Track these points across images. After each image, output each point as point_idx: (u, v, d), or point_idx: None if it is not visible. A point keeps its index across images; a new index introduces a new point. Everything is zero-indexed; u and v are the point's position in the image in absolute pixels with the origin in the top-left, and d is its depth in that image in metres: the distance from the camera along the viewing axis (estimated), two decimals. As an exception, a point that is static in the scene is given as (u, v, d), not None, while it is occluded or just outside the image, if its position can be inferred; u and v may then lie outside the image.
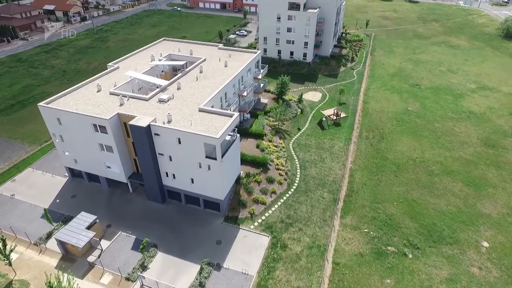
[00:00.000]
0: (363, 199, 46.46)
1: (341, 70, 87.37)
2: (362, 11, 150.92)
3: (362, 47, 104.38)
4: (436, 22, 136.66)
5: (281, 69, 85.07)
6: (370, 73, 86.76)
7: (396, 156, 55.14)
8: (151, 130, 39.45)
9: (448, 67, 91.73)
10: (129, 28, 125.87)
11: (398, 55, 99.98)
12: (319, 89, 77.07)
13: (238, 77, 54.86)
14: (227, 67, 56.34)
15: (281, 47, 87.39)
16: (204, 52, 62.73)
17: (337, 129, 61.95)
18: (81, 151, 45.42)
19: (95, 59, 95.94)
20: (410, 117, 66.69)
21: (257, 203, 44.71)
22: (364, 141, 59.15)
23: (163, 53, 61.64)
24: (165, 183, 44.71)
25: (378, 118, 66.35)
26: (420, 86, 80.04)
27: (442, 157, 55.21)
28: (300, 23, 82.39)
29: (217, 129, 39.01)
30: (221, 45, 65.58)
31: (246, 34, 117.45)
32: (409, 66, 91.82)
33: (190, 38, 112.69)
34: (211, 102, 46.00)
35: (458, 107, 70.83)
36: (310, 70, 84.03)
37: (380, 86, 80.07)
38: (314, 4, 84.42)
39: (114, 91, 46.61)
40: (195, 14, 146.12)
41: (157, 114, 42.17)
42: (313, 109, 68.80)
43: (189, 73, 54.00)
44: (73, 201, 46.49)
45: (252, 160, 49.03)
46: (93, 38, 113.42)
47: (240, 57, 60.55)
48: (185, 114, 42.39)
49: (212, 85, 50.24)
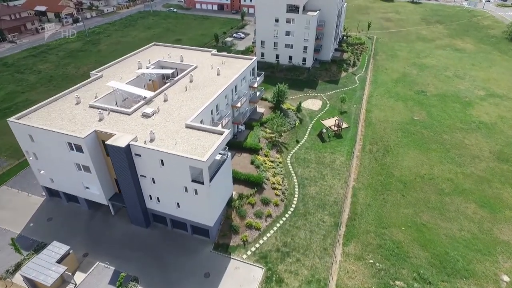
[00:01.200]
0: (368, 223, 42.23)
1: (343, 75, 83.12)
2: (363, 12, 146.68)
3: (364, 51, 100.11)
4: (440, 24, 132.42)
5: (279, 75, 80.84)
6: (372, 79, 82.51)
7: (403, 173, 50.91)
8: (131, 150, 35.24)
9: (454, 72, 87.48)
10: (123, 30, 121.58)
11: (401, 59, 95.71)
12: (319, 97, 72.80)
13: (231, 87, 50.65)
14: (220, 76, 52.09)
15: (279, 52, 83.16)
16: (196, 58, 58.53)
17: (339, 142, 57.72)
18: (57, 170, 41.20)
19: (85, 63, 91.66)
20: (416, 128, 62.45)
21: (250, 229, 40.47)
22: (368, 155, 54.92)
23: (152, 59, 57.46)
24: (149, 207, 40.49)
25: (382, 128, 62.10)
26: (426, 93, 75.80)
27: (452, 173, 50.98)
28: (299, 26, 78.17)
29: (205, 149, 34.79)
30: (214, 51, 61.32)
31: (243, 36, 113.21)
32: (414, 71, 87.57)
33: (185, 41, 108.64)
34: (200, 116, 41.80)
35: (467, 117, 66.57)
36: (309, 76, 79.77)
37: (383, 93, 75.82)
38: (314, 6, 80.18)
39: (94, 104, 42.40)
40: (192, 15, 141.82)
41: (139, 131, 37.96)
42: (312, 118, 64.54)
43: (178, 83, 49.78)
44: (49, 225, 42.25)
45: (246, 179, 44.79)
46: (84, 41, 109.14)
47: (234, 64, 56.32)
48: (170, 131, 38.16)
49: (202, 96, 46.02)
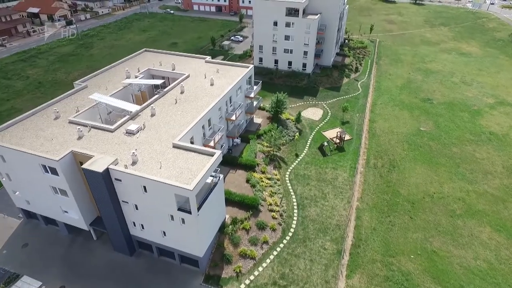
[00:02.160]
0: (373, 250, 38.50)
1: (344, 82, 79.38)
2: (365, 14, 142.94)
3: (367, 55, 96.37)
4: (444, 27, 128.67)
5: (278, 81, 77.14)
6: (376, 86, 78.78)
7: (410, 191, 47.20)
8: (110, 175, 31.55)
9: (461, 78, 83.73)
10: (117, 33, 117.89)
11: (405, 64, 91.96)
12: (320, 105, 69.05)
13: (226, 99, 46.93)
14: (213, 86, 48.39)
15: (278, 57, 79.45)
16: (188, 66, 54.86)
17: (341, 155, 54.01)
18: (32, 193, 37.53)
19: (76, 68, 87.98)
20: (423, 140, 58.71)
21: (244, 258, 36.76)
22: (372, 170, 51.20)
23: (142, 67, 53.82)
24: (133, 233, 36.81)
25: (387, 140, 58.37)
26: (432, 101, 72.05)
27: (464, 191, 47.27)
28: (299, 31, 74.45)
29: (193, 174, 31.10)
30: (209, 58, 57.64)
31: (241, 39, 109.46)
32: (419, 77, 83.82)
33: (181, 45, 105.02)
34: (190, 133, 38.11)
35: (477, 127, 62.82)
36: (310, 83, 76.03)
37: (387, 101, 72.09)
38: (315, 10, 76.48)
39: (74, 120, 38.74)
40: (189, 17, 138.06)
41: (121, 151, 34.28)
42: (313, 129, 60.81)
43: (168, 94, 46.09)
44: (24, 252, 38.56)
45: (240, 201, 41.07)
46: (76, 44, 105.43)
47: (229, 73, 52.63)
48: (156, 151, 34.46)
49: (193, 110, 42.31)
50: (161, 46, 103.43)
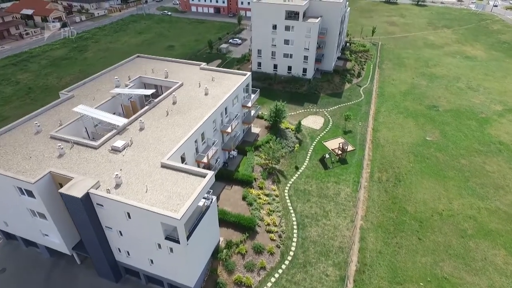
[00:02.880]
0: (379, 277, 35.57)
1: (346, 87, 76.46)
2: (366, 16, 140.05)
3: (369, 59, 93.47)
4: (447, 29, 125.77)
5: (277, 87, 74.24)
6: (379, 91, 75.86)
7: (418, 208, 44.26)
8: (91, 200, 28.63)
9: (467, 83, 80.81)
10: (113, 35, 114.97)
11: (409, 68, 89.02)
12: (320, 113, 66.11)
13: (221, 110, 44.01)
14: (208, 96, 45.48)
15: (278, 61, 76.53)
16: (182, 73, 51.99)
17: (343, 168, 51.10)
18: (10, 214, 34.61)
19: (68, 73, 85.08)
20: (429, 151, 55.78)
21: (239, 286, 33.83)
22: (377, 185, 48.28)
23: (133, 74, 50.97)
24: (119, 259, 33.89)
25: (391, 151, 55.45)
26: (438, 108, 69.12)
27: (474, 209, 44.34)
28: (299, 35, 71.53)
29: (182, 199, 28.18)
30: (204, 64, 54.72)
31: (240, 42, 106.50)
32: (423, 82, 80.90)
33: (177, 48, 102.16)
34: (181, 149, 35.20)
35: (485, 136, 59.89)
36: (310, 89, 73.07)
37: (391, 108, 69.16)
38: (315, 13, 73.56)
39: (56, 135, 35.83)
40: (186, 19, 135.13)
41: (105, 171, 31.37)
42: (313, 139, 57.88)
43: (159, 105, 43.16)
44: (1, 279, 35.63)
45: (236, 221, 38.14)
46: (70, 47, 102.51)
47: (225, 81, 49.72)
48: (143, 171, 31.54)
49: (185, 123, 39.40)
50: (157, 49, 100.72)
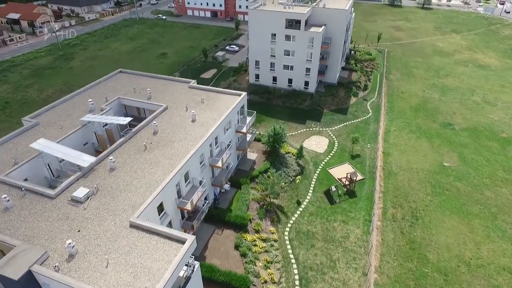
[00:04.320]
0: None
1: (352, 102, 70.02)
2: (370, 20, 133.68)
3: (375, 68, 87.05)
4: (456, 34, 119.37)
5: (277, 102, 67.80)
6: (388, 106, 69.41)
7: (441, 256, 37.82)
8: (35, 279, 22.22)
9: (483, 96, 74.39)
10: (103, 41, 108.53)
11: (419, 79, 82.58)
12: (324, 133, 59.67)
13: (210, 140, 37.61)
14: (195, 123, 39.06)
15: (277, 73, 70.13)
16: (168, 92, 45.67)
17: (352, 203, 44.69)
18: None
19: (51, 84, 78.68)
20: (448, 180, 49.36)
21: None
22: (391, 224, 41.84)
23: (111, 95, 44.66)
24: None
25: (406, 181, 49.03)
26: (454, 126, 62.68)
27: (507, 256, 37.88)
28: (301, 45, 65.12)
29: (152, 278, 21.77)
30: (193, 82, 48.33)
31: (237, 49, 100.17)
32: (435, 95, 74.47)
33: (170, 55, 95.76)
34: (158, 199, 28.81)
35: (510, 161, 53.47)
36: (313, 104, 66.61)
37: (402, 126, 62.71)
38: (318, 21, 67.14)
39: (5, 179, 29.44)
40: (182, 24, 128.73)
41: (57, 235, 24.93)
42: (317, 165, 51.47)
43: (137, 135, 36.75)
44: None
45: (226, 281, 31.71)
46: (55, 55, 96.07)
47: (217, 103, 43.34)
48: (106, 234, 25.12)
49: (166, 160, 33.00)
50: (149, 57, 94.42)
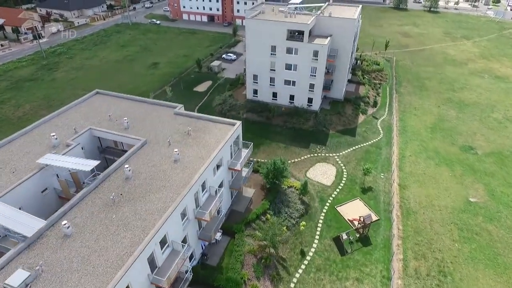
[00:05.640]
0: None
1: (360, 120, 63.05)
2: (376, 24, 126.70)
3: (384, 80, 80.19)
4: (467, 40, 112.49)
5: (277, 122, 60.82)
6: (400, 126, 62.40)
7: (478, 329, 30.95)
8: None
9: (504, 113, 67.42)
10: (91, 49, 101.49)
11: (432, 92, 75.63)
12: (331, 159, 52.72)
13: (196, 188, 30.65)
14: (178, 164, 32.14)
15: (278, 89, 63.19)
16: (150, 120, 38.84)
17: (366, 253, 37.75)
18: None
19: (30, 99, 71.67)
20: (477, 220, 42.41)
21: None
22: (415, 283, 34.87)
23: (83, 124, 37.82)
24: None
25: (427, 222, 42.05)
26: (475, 150, 55.76)
27: (559, 329, 31.02)
28: (304, 58, 58.16)
29: None
30: (180, 107, 41.41)
31: (234, 58, 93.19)
32: (451, 112, 67.49)
33: (162, 66, 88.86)
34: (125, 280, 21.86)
35: (545, 196, 46.63)
36: (317, 124, 59.55)
37: (418, 150, 55.73)
38: (323, 31, 60.17)
39: None
40: (177, 29, 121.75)
41: None
42: (324, 202, 44.50)
43: (106, 182, 29.86)
44: None
45: None
46: (39, 65, 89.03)
47: (206, 135, 36.44)
48: None
49: (138, 220, 26.06)
50: (139, 68, 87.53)
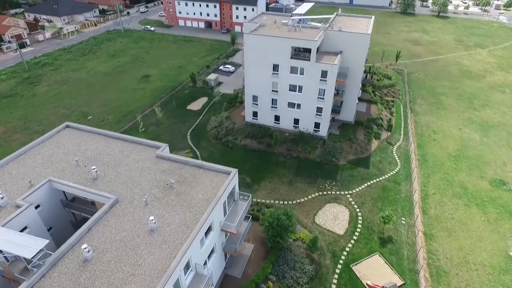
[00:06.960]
0: None
1: (374, 147, 55.72)
2: (383, 31, 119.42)
3: (397, 96, 72.95)
4: (481, 49, 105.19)
5: (280, 150, 53.50)
6: (419, 154, 55.07)
7: None
8: None
9: (534, 137, 60.23)
10: (79, 59, 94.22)
11: (450, 111, 68.27)
12: (343, 199, 45.37)
13: (177, 274, 23.36)
14: (155, 235, 24.85)
15: (280, 112, 55.91)
16: (125, 167, 31.59)
17: (392, 333, 30.49)
18: None
19: (4, 120, 64.48)
20: (522, 284, 35.16)
21: None
22: None
23: (41, 172, 30.69)
24: None
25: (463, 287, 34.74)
26: (509, 186, 48.42)
27: None
28: (311, 79, 50.91)
29: None
30: (164, 148, 34.13)
31: (232, 70, 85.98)
32: (475, 136, 60.16)
33: (154, 78, 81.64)
34: None
35: None
36: (326, 154, 52.21)
37: (443, 186, 48.39)
38: (332, 47, 52.89)
39: None
40: (171, 36, 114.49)
41: None
42: (337, 258, 37.11)
43: (56, 268, 22.61)
44: None
45: None
46: (19, 78, 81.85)
47: (194, 189, 29.16)
48: None
49: None
50: (129, 81, 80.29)
